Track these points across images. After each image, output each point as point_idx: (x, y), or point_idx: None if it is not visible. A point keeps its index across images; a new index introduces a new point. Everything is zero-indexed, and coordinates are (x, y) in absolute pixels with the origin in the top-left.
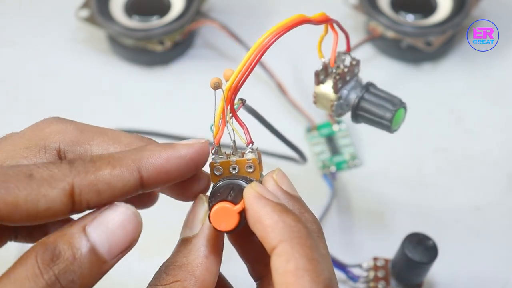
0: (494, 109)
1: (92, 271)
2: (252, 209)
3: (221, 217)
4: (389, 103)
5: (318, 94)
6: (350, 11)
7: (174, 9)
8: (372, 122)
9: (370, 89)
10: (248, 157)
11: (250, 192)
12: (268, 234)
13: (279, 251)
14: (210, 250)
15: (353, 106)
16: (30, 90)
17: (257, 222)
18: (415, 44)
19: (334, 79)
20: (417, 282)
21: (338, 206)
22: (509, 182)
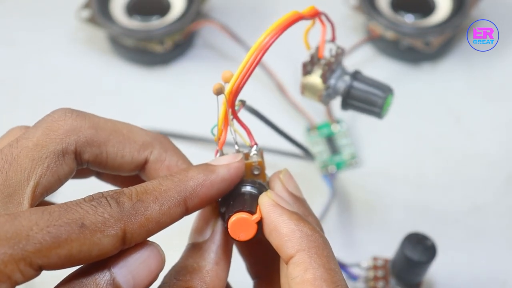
0: (494, 109)
1: None
2: (269, 218)
3: (239, 227)
4: (378, 90)
5: (306, 85)
6: (350, 12)
7: (174, 9)
8: (362, 110)
9: (358, 77)
10: (254, 160)
11: (266, 201)
12: (285, 243)
13: (297, 260)
14: (221, 256)
15: (343, 95)
16: (30, 90)
17: (273, 231)
18: (414, 44)
19: (323, 69)
20: (416, 281)
21: (338, 206)
22: (508, 182)
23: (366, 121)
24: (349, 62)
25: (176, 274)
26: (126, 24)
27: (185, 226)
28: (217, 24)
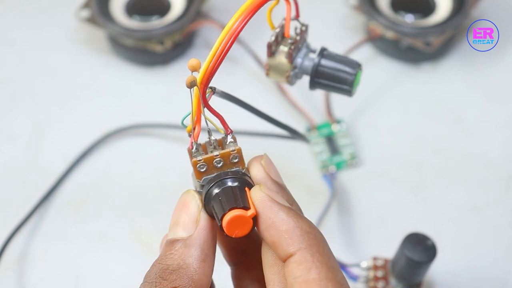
0: (494, 109)
1: None
2: (265, 214)
3: (235, 225)
4: (347, 67)
5: (272, 66)
6: (350, 12)
7: (174, 9)
8: (331, 88)
9: (325, 54)
10: (232, 148)
11: (261, 195)
12: (284, 241)
13: (299, 258)
14: (207, 252)
15: (311, 74)
16: (30, 90)
17: (270, 228)
18: (414, 44)
19: (289, 49)
20: (416, 281)
21: (338, 206)
22: (509, 182)
23: (366, 121)
24: None
25: (162, 273)
26: (125, 24)
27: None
28: (217, 24)
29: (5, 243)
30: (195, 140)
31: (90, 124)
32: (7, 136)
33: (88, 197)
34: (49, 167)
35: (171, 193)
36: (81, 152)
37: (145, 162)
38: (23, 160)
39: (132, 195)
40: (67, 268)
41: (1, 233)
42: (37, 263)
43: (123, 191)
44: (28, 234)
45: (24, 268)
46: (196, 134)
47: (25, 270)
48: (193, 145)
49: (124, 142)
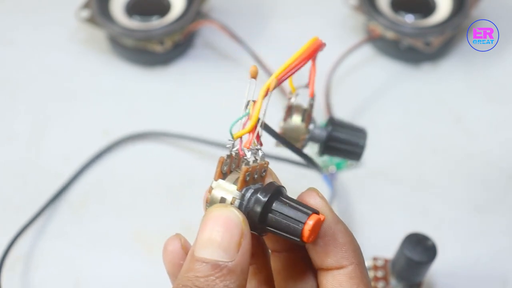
0: (494, 109)
1: None
2: (328, 223)
3: (314, 230)
4: (357, 132)
5: (287, 129)
6: (350, 12)
7: (174, 9)
8: (343, 152)
9: (334, 121)
10: (264, 161)
11: (326, 204)
12: (339, 252)
13: (350, 272)
14: (246, 277)
15: (326, 138)
16: (30, 90)
17: (328, 237)
18: (414, 44)
19: (308, 113)
20: (416, 281)
21: (338, 206)
22: (509, 182)
23: (366, 121)
24: (349, 62)
25: None
26: (126, 24)
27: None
28: (217, 24)
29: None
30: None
31: (90, 124)
32: (7, 136)
33: (89, 198)
34: (49, 167)
35: (172, 195)
36: (91, 157)
37: (147, 165)
38: (23, 160)
39: (134, 197)
40: (68, 268)
41: (2, 234)
42: (39, 264)
43: (124, 193)
44: (30, 235)
45: (26, 268)
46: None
47: (27, 271)
48: (245, 152)
49: (126, 146)
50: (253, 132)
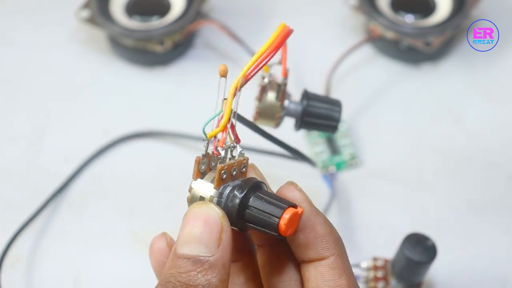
0: (494, 109)
1: None
2: (305, 216)
3: (290, 223)
4: (332, 105)
5: (263, 108)
6: (350, 12)
7: (174, 9)
8: (319, 126)
9: (309, 95)
10: (243, 157)
11: (305, 197)
12: (320, 244)
13: (332, 263)
14: (227, 271)
15: (301, 114)
16: (30, 90)
17: (308, 229)
18: (414, 44)
19: (282, 90)
20: (416, 282)
21: (338, 206)
22: (509, 182)
23: (366, 121)
24: (349, 62)
25: None
26: (125, 24)
27: None
28: (217, 24)
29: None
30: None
31: (90, 124)
32: (7, 136)
33: (89, 197)
34: (49, 167)
35: (170, 194)
36: (90, 155)
37: (146, 164)
38: (23, 160)
39: (132, 196)
40: (68, 267)
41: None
42: (38, 263)
43: (122, 192)
44: (30, 234)
45: (26, 267)
46: (223, 138)
47: (27, 270)
48: (219, 150)
49: (125, 145)
50: (226, 131)
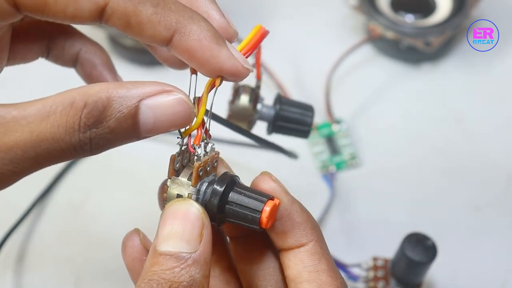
0: (494, 109)
1: (123, 141)
2: (284, 205)
3: (270, 216)
4: (305, 110)
5: (235, 111)
6: (350, 12)
7: None
8: (291, 130)
9: (282, 100)
10: (214, 152)
11: (280, 187)
12: (298, 231)
13: (310, 249)
14: (209, 267)
15: (274, 118)
16: (29, 90)
17: (285, 218)
18: (414, 44)
19: (254, 94)
20: (416, 281)
21: (338, 206)
22: (509, 182)
23: (366, 121)
24: (349, 62)
25: None
26: None
27: None
28: None
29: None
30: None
31: None
32: None
33: (87, 197)
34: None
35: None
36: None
37: (144, 162)
38: None
39: (131, 195)
40: (67, 268)
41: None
42: (37, 263)
43: (122, 191)
44: (28, 233)
45: (24, 267)
46: (199, 136)
47: (25, 270)
48: (195, 148)
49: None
50: (201, 128)
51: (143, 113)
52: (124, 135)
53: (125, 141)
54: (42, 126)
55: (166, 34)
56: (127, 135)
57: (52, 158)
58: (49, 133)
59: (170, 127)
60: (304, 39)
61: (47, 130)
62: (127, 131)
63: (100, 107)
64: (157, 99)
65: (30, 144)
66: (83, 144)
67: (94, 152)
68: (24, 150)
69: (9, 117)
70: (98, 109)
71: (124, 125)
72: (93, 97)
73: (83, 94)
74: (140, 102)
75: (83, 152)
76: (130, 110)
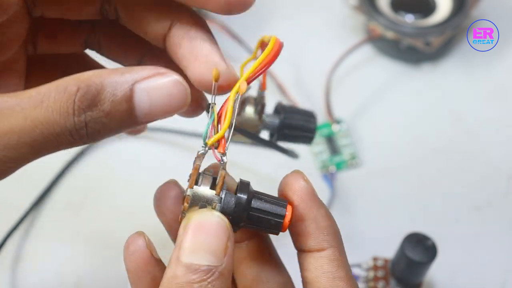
0: (494, 109)
1: (120, 126)
2: (307, 206)
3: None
4: (308, 116)
5: (243, 121)
6: (350, 12)
7: None
8: (297, 138)
9: (285, 108)
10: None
11: (310, 188)
12: (320, 235)
13: (331, 255)
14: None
15: (279, 126)
16: None
17: (310, 221)
18: (414, 44)
19: (260, 105)
20: (416, 282)
21: (338, 206)
22: (509, 182)
23: (366, 121)
24: (349, 62)
25: None
26: None
27: None
28: (217, 24)
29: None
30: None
31: None
32: None
33: (87, 197)
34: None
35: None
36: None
37: (144, 163)
38: None
39: (132, 195)
40: (67, 268)
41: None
42: (37, 263)
43: (122, 191)
44: (28, 234)
45: (24, 268)
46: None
47: (25, 270)
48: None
49: (123, 142)
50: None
51: (138, 96)
52: (120, 119)
53: (123, 127)
54: (36, 112)
55: None
56: (123, 119)
57: (49, 145)
58: (43, 118)
59: (167, 111)
60: (304, 39)
61: (41, 115)
62: (123, 114)
63: (94, 91)
64: (152, 81)
65: (24, 129)
66: (78, 128)
67: (91, 138)
68: (19, 135)
69: (3, 105)
70: (91, 92)
71: (119, 108)
72: (87, 82)
73: (76, 79)
74: (134, 85)
75: (80, 138)
76: (125, 93)
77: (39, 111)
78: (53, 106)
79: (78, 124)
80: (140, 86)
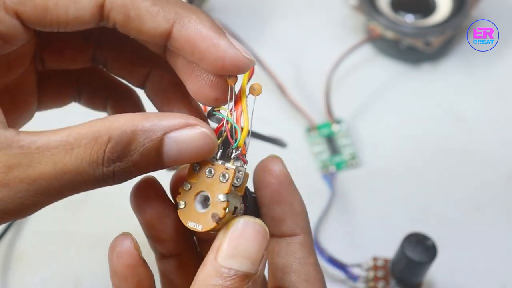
0: (494, 109)
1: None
2: (285, 190)
3: None
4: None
5: None
6: (350, 12)
7: None
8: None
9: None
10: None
11: (287, 173)
12: (295, 221)
13: (303, 241)
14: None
15: None
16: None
17: (287, 205)
18: (414, 44)
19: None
20: (416, 282)
21: (338, 206)
22: (508, 182)
23: (366, 121)
24: (349, 62)
25: None
26: None
27: None
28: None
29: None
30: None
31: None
32: None
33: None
34: None
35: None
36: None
37: None
38: None
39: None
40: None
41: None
42: (37, 263)
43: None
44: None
45: (24, 268)
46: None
47: (24, 270)
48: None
49: None
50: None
51: (167, 146)
52: (147, 166)
53: (148, 172)
54: (66, 159)
55: (165, 25)
56: (151, 166)
57: (76, 189)
58: (73, 166)
59: (193, 159)
60: (304, 39)
61: (70, 163)
62: (151, 162)
63: (125, 141)
64: (182, 133)
65: (54, 176)
66: (106, 177)
67: (117, 183)
68: (48, 182)
69: (34, 148)
70: (122, 143)
71: (148, 157)
72: (118, 131)
73: (108, 127)
74: (165, 136)
75: (106, 184)
76: (154, 144)
77: (69, 159)
78: (83, 155)
79: (106, 174)
80: (170, 137)
